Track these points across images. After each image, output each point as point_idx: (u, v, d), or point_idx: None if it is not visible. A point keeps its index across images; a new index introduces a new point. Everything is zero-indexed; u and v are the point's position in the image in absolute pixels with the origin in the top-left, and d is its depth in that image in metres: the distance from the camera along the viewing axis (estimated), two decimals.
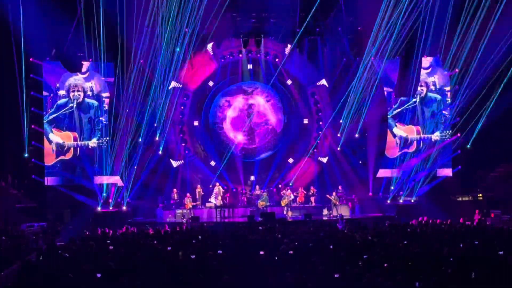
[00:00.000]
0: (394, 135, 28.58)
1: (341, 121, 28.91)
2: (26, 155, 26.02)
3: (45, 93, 26.93)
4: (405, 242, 15.29)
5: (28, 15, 24.06)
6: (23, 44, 24.41)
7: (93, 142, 27.29)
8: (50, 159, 26.99)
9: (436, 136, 28.32)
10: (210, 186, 29.27)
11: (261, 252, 13.96)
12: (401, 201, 28.15)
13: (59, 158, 27.07)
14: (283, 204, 28.07)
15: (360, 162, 30.02)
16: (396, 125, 28.61)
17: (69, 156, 27.23)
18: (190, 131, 30.49)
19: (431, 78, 28.58)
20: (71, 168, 27.32)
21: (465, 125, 27.50)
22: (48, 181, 27.00)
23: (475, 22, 25.44)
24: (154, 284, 11.23)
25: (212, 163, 30.32)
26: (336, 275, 11.32)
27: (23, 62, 24.93)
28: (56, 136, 27.03)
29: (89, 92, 27.48)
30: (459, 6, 25.41)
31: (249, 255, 13.66)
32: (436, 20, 25.67)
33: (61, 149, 27.13)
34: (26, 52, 24.84)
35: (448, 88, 28.50)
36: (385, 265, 12.10)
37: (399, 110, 28.65)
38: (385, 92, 28.63)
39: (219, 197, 28.04)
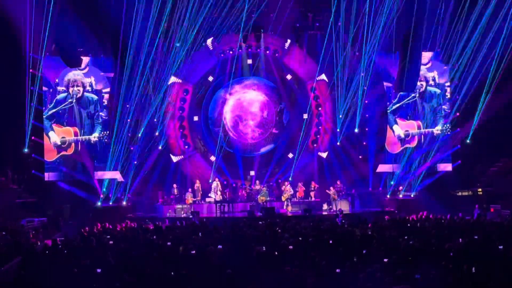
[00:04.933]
0: (394, 132, 28.61)
1: (340, 116, 28.89)
2: (26, 150, 26.05)
3: (44, 88, 26.96)
4: (405, 237, 15.29)
5: (28, 10, 24.07)
6: (23, 39, 24.42)
7: (94, 137, 27.31)
8: (51, 155, 27.04)
9: (437, 130, 28.33)
10: (210, 181, 29.27)
11: (262, 247, 13.96)
12: (401, 196, 28.17)
13: (60, 154, 27.12)
14: (283, 199, 28.09)
15: (360, 157, 30.01)
16: (396, 122, 28.60)
17: (70, 151, 27.28)
18: (190, 126, 30.48)
19: (431, 73, 28.58)
20: (72, 164, 27.36)
21: (464, 119, 27.54)
22: (48, 176, 27.05)
23: (475, 16, 25.46)
24: (154, 279, 11.24)
25: (212, 158, 30.33)
26: (338, 270, 11.33)
27: (24, 57, 25.01)
28: (55, 135, 27.04)
29: (88, 87, 27.51)
30: (459, 0, 25.40)
31: (249, 250, 13.68)
32: (436, 15, 25.68)
33: (62, 145, 27.15)
34: (25, 47, 24.84)
35: (448, 83, 28.51)
36: (385, 260, 12.11)
37: (398, 105, 28.65)
38: (385, 87, 28.64)
39: (219, 192, 28.05)
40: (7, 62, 24.77)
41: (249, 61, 30.46)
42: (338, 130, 29.24)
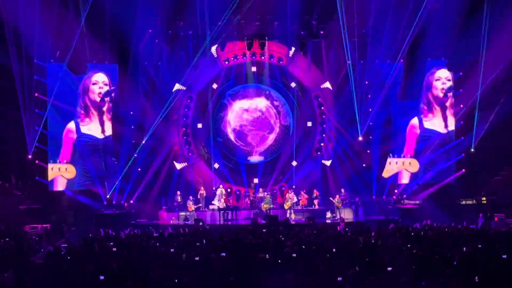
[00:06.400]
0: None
1: (345, 124, 28.97)
2: (30, 156, 26.11)
3: (48, 94, 26.99)
4: (409, 245, 15.25)
5: (33, 17, 24.20)
6: (28, 46, 24.52)
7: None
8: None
9: (441, 138, 28.41)
10: (214, 188, 29.22)
11: (265, 255, 13.93)
12: (405, 204, 28.10)
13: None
14: (286, 207, 28.02)
15: (364, 165, 29.95)
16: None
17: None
18: (193, 133, 30.45)
19: (435, 81, 28.56)
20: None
21: (468, 128, 27.52)
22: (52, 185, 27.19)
23: (480, 25, 25.49)
24: (157, 286, 11.23)
25: (216, 165, 30.31)
26: (339, 278, 11.31)
27: (29, 64, 25.10)
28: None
29: (92, 94, 27.54)
30: (464, 9, 25.45)
31: (253, 257, 13.65)
32: (441, 23, 25.71)
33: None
34: (30, 53, 24.94)
35: (452, 92, 28.48)
36: (389, 268, 12.07)
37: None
38: (389, 95, 28.67)
39: (222, 200, 27.98)
40: (12, 68, 24.81)
41: (253, 69, 30.46)
42: (342, 138, 29.34)
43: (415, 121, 28.96)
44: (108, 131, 27.65)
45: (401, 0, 25.74)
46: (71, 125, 27.50)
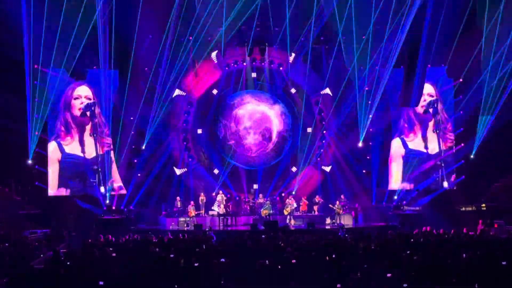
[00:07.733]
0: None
1: (345, 130, 29.02)
2: (30, 161, 26.08)
3: (49, 101, 26.97)
4: (408, 251, 15.24)
5: (34, 23, 24.22)
6: (29, 51, 24.52)
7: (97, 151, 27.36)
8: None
9: (441, 145, 28.41)
10: (213, 194, 29.23)
11: (265, 261, 13.92)
12: (404, 210, 28.09)
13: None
14: (286, 213, 28.02)
15: (364, 171, 29.98)
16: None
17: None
18: (193, 139, 30.48)
19: (435, 88, 28.60)
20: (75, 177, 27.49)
21: (469, 135, 27.53)
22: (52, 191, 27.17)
23: (480, 31, 25.54)
24: None
25: (216, 171, 30.31)
26: (338, 285, 11.30)
27: (29, 69, 25.09)
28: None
29: (93, 100, 27.51)
30: (465, 16, 25.50)
31: (252, 263, 13.64)
32: (442, 30, 25.74)
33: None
34: (31, 59, 24.94)
35: (452, 98, 28.51)
36: (388, 275, 12.07)
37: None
38: (389, 101, 28.70)
39: (222, 205, 27.98)
40: (12, 73, 24.83)
41: (254, 75, 30.53)
42: (342, 144, 29.41)
43: (397, 142, 29.10)
44: (90, 152, 27.49)
45: (402, 6, 25.75)
46: (53, 145, 27.25)
